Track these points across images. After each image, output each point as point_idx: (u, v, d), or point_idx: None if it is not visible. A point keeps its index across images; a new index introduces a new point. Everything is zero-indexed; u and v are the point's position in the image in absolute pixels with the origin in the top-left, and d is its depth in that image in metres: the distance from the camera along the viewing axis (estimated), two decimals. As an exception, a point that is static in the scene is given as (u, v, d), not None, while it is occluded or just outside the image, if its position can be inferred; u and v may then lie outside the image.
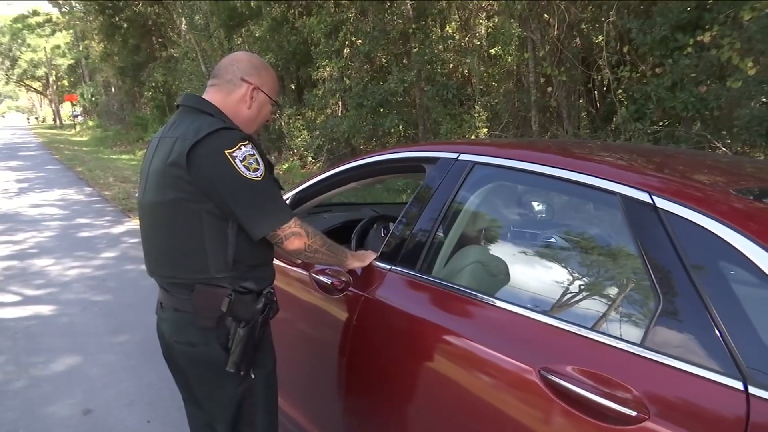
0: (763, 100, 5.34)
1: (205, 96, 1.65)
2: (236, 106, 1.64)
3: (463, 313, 1.57)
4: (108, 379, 3.34)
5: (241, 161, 1.46)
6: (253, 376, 1.61)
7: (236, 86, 1.64)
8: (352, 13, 10.58)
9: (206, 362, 1.58)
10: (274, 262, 2.15)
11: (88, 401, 3.08)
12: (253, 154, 1.49)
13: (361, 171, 2.25)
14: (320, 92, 11.41)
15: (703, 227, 1.16)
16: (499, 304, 1.46)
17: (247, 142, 1.50)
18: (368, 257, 1.89)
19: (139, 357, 3.60)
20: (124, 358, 3.62)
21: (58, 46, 42.67)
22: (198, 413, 1.79)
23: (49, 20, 40.47)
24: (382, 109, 9.76)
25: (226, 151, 1.45)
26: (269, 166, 1.56)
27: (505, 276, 1.76)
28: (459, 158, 1.79)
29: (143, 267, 1.73)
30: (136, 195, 1.93)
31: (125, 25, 22.75)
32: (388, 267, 1.82)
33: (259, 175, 1.48)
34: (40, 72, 49.08)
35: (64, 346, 3.80)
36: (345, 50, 10.69)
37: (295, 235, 1.57)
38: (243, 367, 1.55)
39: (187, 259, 1.54)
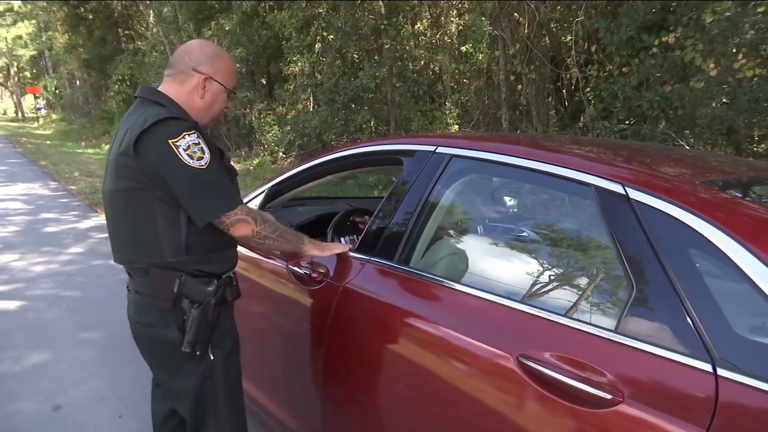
0: (724, 100, 5.51)
1: (161, 87, 1.68)
2: (189, 97, 1.67)
3: (441, 302, 1.60)
4: (78, 375, 3.28)
5: (185, 150, 1.50)
6: (212, 357, 1.66)
7: (188, 77, 1.66)
8: (323, 8, 10.53)
9: (165, 342, 1.64)
10: (250, 254, 2.14)
11: (58, 397, 3.02)
12: (198, 143, 1.53)
13: (339, 163, 2.26)
14: (291, 87, 11.34)
15: (675, 217, 1.21)
16: (477, 293, 1.49)
17: (192, 131, 1.53)
18: (335, 248, 1.92)
19: (109, 352, 3.55)
20: (95, 353, 3.56)
21: (20, 37, 41.27)
22: (162, 400, 1.89)
23: (10, 9, 39.15)
24: (353, 105, 9.76)
25: (169, 141, 1.49)
26: (220, 154, 1.61)
27: (481, 267, 1.79)
28: (436, 151, 1.82)
29: (112, 262, 1.73)
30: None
31: (90, 16, 22.19)
32: (366, 258, 1.84)
33: (203, 163, 1.52)
34: (0, 63, 47.56)
35: (32, 343, 3.72)
36: (316, 45, 10.65)
37: (240, 222, 1.61)
38: (198, 347, 1.61)
39: (142, 244, 1.60)
